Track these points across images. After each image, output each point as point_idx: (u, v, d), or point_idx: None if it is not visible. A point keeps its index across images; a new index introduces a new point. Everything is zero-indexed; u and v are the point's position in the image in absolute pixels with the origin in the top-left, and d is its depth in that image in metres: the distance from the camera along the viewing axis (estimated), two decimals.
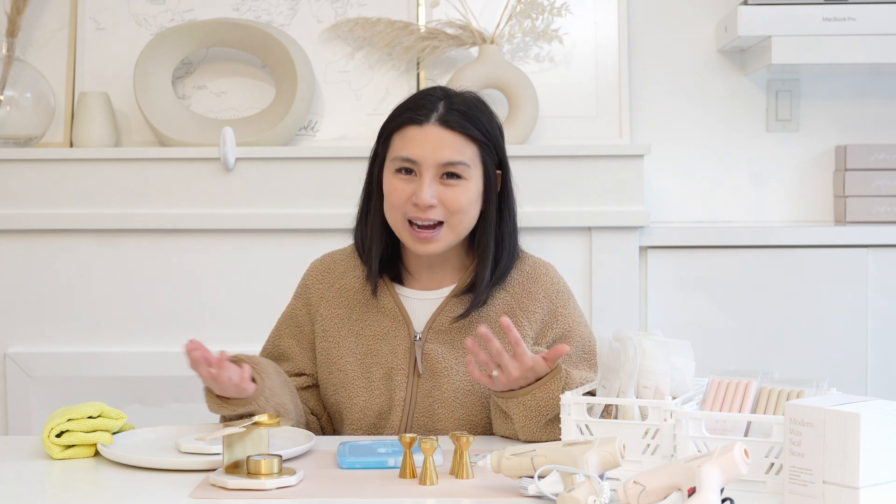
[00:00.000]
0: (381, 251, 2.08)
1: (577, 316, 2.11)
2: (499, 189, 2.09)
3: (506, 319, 1.87)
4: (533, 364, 1.90)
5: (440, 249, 2.03)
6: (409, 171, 2.02)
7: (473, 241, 2.08)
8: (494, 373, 1.90)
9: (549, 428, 1.94)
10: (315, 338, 2.12)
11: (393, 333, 2.07)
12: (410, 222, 2.02)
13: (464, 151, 2.02)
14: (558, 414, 1.92)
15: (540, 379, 1.92)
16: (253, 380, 1.96)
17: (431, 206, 2.00)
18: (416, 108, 2.03)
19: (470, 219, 2.04)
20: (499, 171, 2.09)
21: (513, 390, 1.93)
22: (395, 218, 2.04)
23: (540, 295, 2.08)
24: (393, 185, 2.03)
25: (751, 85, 3.40)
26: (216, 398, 1.97)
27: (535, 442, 1.96)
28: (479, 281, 2.05)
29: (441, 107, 2.03)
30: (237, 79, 3.28)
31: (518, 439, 1.98)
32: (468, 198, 2.02)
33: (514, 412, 1.94)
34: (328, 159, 3.09)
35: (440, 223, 2.02)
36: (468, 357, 1.89)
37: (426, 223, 2.01)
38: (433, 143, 2.01)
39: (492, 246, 2.06)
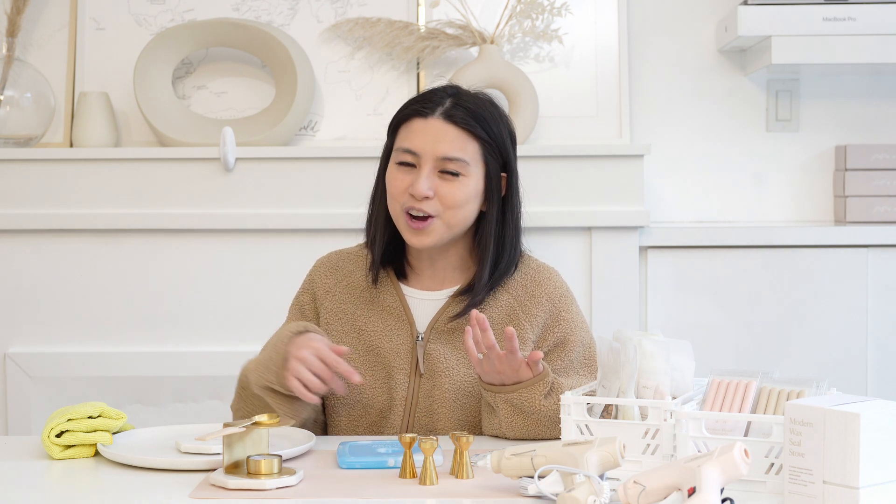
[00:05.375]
0: (384, 243, 2.10)
1: (580, 321, 2.12)
2: (504, 192, 2.09)
3: (510, 329, 1.89)
4: (520, 366, 1.93)
5: (433, 242, 2.05)
6: (409, 165, 2.04)
7: (476, 242, 2.09)
8: (479, 355, 1.93)
9: (534, 428, 1.97)
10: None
11: (395, 332, 2.08)
12: (409, 214, 2.04)
13: (465, 148, 2.03)
14: (541, 415, 1.95)
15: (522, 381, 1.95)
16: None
17: (427, 198, 2.01)
18: (423, 102, 2.06)
19: (464, 216, 2.05)
20: (504, 174, 2.09)
21: (498, 385, 1.96)
22: (394, 208, 2.06)
23: (543, 298, 2.09)
24: (393, 176, 2.06)
25: (751, 85, 3.40)
26: (288, 399, 1.97)
27: (519, 439, 1.97)
28: (477, 281, 2.06)
29: (448, 102, 2.05)
30: (237, 79, 3.28)
31: (504, 436, 2.00)
32: (465, 194, 2.03)
33: (499, 407, 1.97)
34: (328, 159, 3.09)
35: (432, 216, 2.03)
36: (466, 329, 1.91)
37: (419, 214, 2.02)
38: (434, 135, 2.03)
39: (492, 247, 2.07)
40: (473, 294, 2.06)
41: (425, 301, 2.10)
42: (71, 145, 3.23)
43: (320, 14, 3.28)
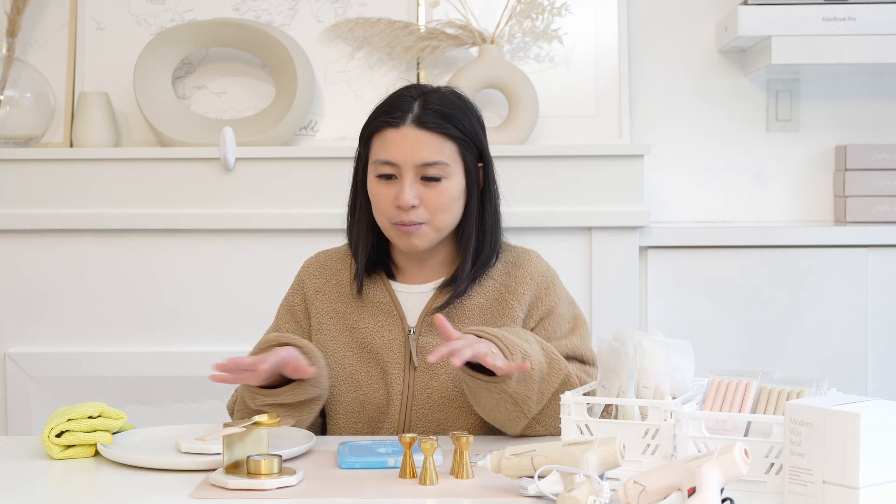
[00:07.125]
0: (367, 250, 2.11)
1: (564, 295, 2.15)
2: (482, 182, 2.10)
3: (438, 317, 1.86)
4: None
5: (424, 245, 2.06)
6: (389, 176, 2.04)
7: (458, 234, 2.10)
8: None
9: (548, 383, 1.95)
10: (311, 331, 2.14)
11: (387, 327, 2.09)
12: (398, 224, 2.04)
13: (442, 150, 2.04)
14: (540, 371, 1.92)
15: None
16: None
17: (413, 207, 2.02)
18: (392, 111, 2.05)
19: (452, 216, 2.07)
20: (480, 164, 2.10)
21: (492, 376, 1.91)
22: (382, 221, 2.07)
23: (527, 278, 2.11)
24: (377, 191, 2.06)
25: (751, 85, 3.40)
26: (267, 389, 1.97)
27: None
28: (460, 273, 2.08)
29: (416, 107, 2.04)
30: (237, 79, 3.28)
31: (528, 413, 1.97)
32: (449, 196, 2.04)
33: (520, 391, 1.92)
34: (328, 159, 3.09)
35: (421, 223, 2.04)
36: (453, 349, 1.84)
37: (409, 224, 2.03)
38: (411, 144, 2.02)
39: (473, 238, 2.09)
40: (456, 285, 2.07)
41: (414, 294, 2.11)
42: (71, 145, 3.23)
43: (320, 14, 3.28)
